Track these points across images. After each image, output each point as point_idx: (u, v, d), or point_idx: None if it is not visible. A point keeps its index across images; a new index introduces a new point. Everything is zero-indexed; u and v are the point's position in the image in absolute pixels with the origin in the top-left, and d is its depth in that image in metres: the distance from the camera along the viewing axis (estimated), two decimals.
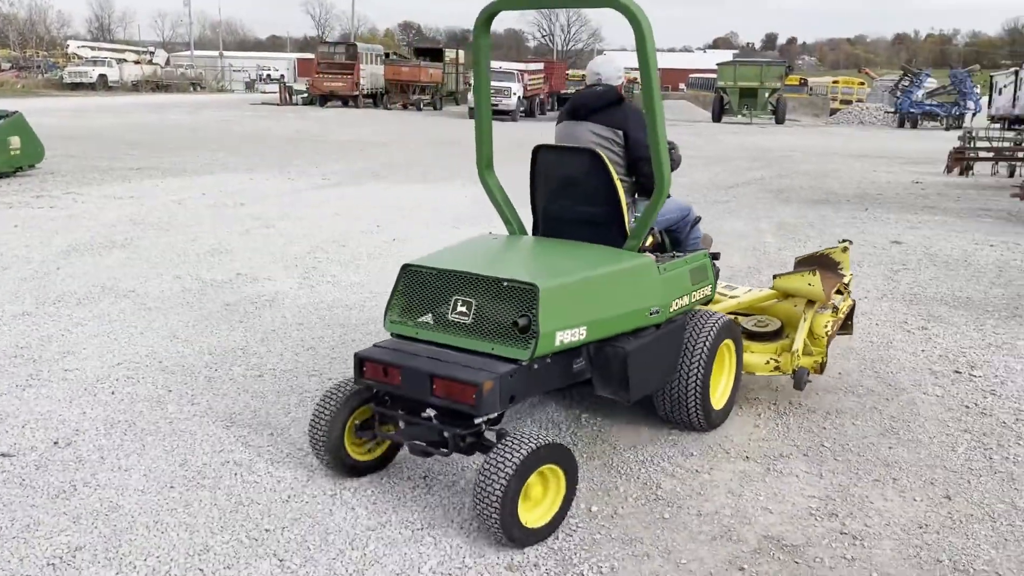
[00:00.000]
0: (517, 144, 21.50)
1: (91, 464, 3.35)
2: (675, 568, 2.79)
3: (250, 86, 61.34)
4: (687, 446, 3.70)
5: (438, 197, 11.30)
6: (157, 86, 51.04)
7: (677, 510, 3.16)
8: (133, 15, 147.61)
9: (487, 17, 3.58)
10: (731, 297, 4.57)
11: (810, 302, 4.27)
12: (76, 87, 45.27)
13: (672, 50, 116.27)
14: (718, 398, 3.87)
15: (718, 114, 37.71)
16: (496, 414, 2.98)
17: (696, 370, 3.65)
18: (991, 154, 16.09)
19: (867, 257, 8.08)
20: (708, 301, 3.99)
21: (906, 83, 39.45)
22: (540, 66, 41.91)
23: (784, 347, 4.18)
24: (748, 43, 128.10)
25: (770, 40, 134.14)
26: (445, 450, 3.04)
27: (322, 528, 2.95)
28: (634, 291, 3.40)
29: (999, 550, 2.93)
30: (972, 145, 16.55)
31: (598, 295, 3.25)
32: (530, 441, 2.82)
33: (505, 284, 3.06)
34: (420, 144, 20.43)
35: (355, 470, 3.26)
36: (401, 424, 3.17)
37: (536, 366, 3.05)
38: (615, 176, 3.59)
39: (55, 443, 3.51)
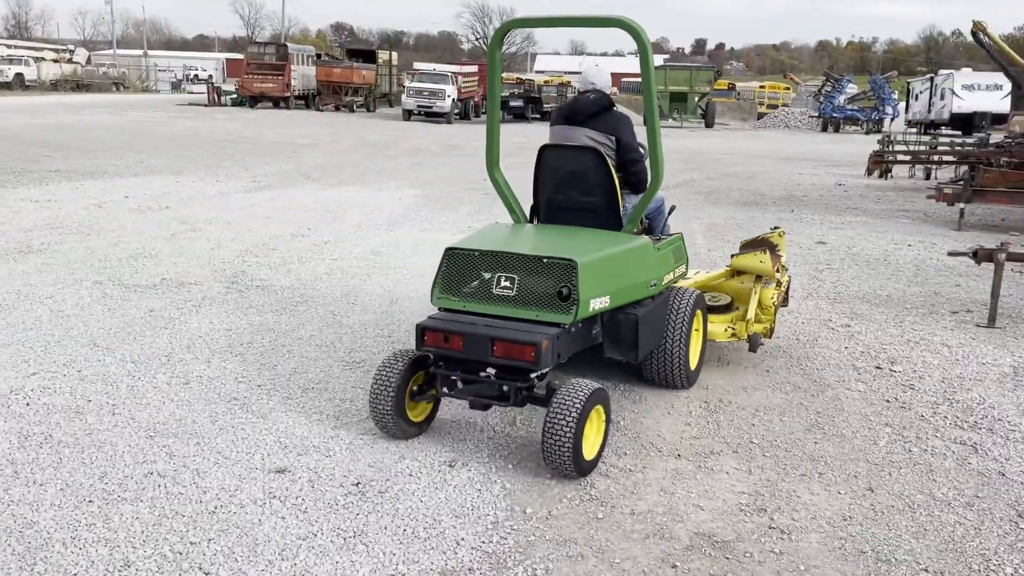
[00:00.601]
0: (449, 148, 21.53)
1: (3, 479, 3.19)
2: (609, 567, 2.81)
3: (176, 86, 59.72)
4: (620, 446, 3.73)
5: (371, 199, 11.18)
6: (77, 86, 49.26)
7: (611, 510, 3.18)
8: (52, 13, 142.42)
9: (502, 34, 4.27)
10: (686, 277, 5.06)
11: (758, 277, 4.92)
12: None
13: (604, 54, 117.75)
14: (694, 360, 4.48)
15: None
16: (547, 369, 3.47)
17: (680, 336, 4.24)
18: (908, 158, 16.73)
19: (793, 257, 8.29)
20: (683, 277, 4.65)
21: (829, 88, 40.79)
22: (474, 68, 41.95)
23: (738, 317, 4.85)
24: (678, 48, 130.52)
25: (699, 45, 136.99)
26: (506, 403, 3.52)
27: (250, 539, 2.87)
28: (641, 267, 4.03)
29: (919, 540, 3.04)
30: (891, 149, 17.18)
31: (618, 269, 3.84)
32: (587, 388, 3.37)
33: (545, 261, 3.56)
34: (353, 146, 20.19)
35: (412, 431, 3.68)
36: (459, 384, 3.60)
37: (573, 329, 3.60)
38: (613, 172, 4.15)
39: None
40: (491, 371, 3.49)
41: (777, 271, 5.03)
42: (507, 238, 4.10)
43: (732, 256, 5.09)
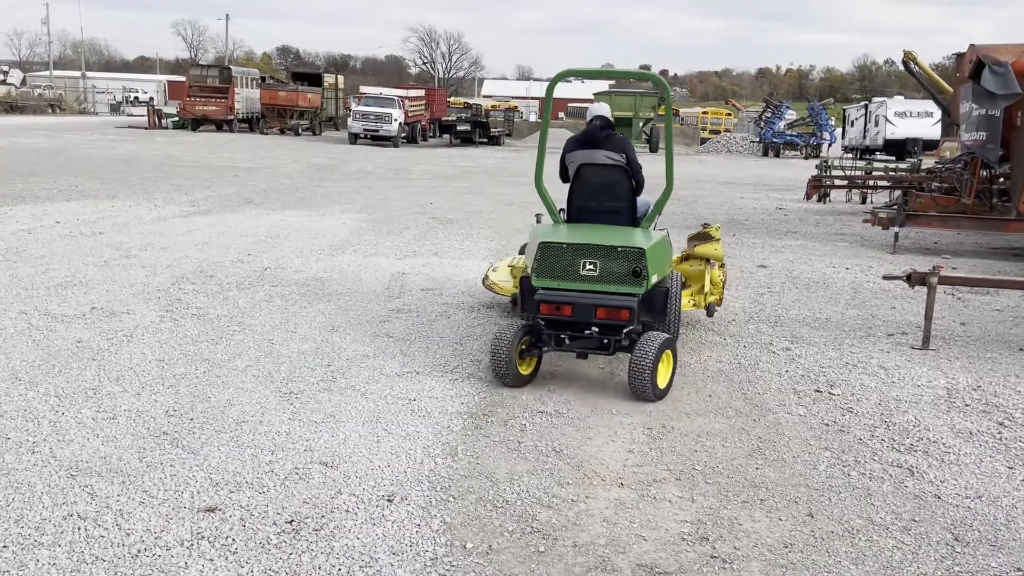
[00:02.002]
0: (396, 172, 21.43)
1: None
2: None
3: (116, 108, 58.44)
4: (563, 475, 3.68)
5: (314, 224, 11.02)
6: (11, 107, 47.86)
7: (553, 542, 3.12)
8: None
9: (558, 79, 5.79)
10: None
11: (708, 260, 6.24)
12: None
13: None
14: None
15: None
16: (633, 326, 4.76)
17: (678, 304, 5.51)
18: (845, 182, 17.21)
19: (735, 281, 8.39)
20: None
21: (769, 114, 41.86)
22: (421, 93, 41.98)
23: (696, 292, 6.14)
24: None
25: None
26: (605, 351, 4.84)
27: None
28: (668, 253, 5.51)
29: (858, 566, 3.04)
30: (828, 174, 17.66)
31: (662, 255, 5.17)
32: (660, 337, 4.69)
33: (620, 249, 4.82)
34: (297, 170, 19.95)
35: (524, 379, 4.87)
36: (566, 340, 4.85)
37: (641, 299, 4.81)
38: (632, 182, 5.52)
39: None
40: (594, 329, 4.77)
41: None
42: (580, 233, 5.19)
43: (692, 246, 6.38)
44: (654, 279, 4.91)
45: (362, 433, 4.06)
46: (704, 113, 59.55)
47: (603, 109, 5.84)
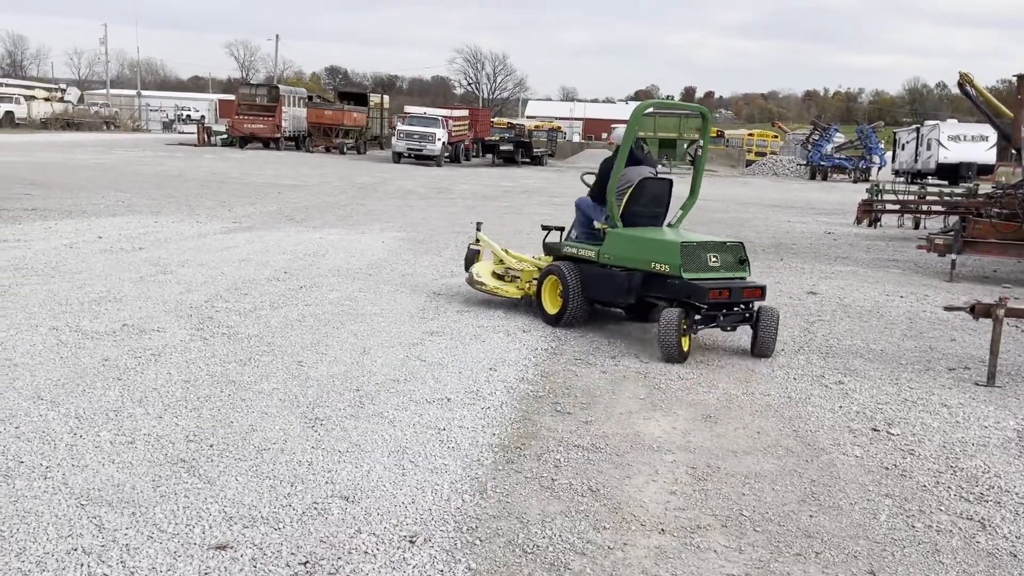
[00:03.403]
0: (438, 191, 21.44)
1: None
2: None
3: (168, 126, 59.84)
4: (600, 518, 3.42)
5: (353, 242, 10.93)
6: (68, 124, 49.22)
7: None
8: (48, 52, 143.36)
9: (643, 111, 7.36)
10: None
11: None
12: None
13: (595, 101, 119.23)
14: None
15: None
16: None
17: None
18: (897, 207, 16.68)
19: (784, 308, 8.05)
20: None
21: (816, 137, 41.19)
22: (465, 113, 42.17)
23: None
24: (668, 95, 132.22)
25: (688, 93, 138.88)
26: (746, 322, 6.13)
27: None
28: None
29: None
30: (880, 198, 17.14)
31: None
32: (776, 310, 6.25)
33: (729, 244, 6.35)
34: (340, 188, 20.03)
35: (685, 356, 5.87)
36: (720, 317, 6.03)
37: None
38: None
39: None
40: (741, 306, 6.10)
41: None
42: (694, 234, 6.55)
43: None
44: None
45: (387, 465, 3.85)
46: (750, 135, 58.89)
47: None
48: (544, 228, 7.72)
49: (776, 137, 58.08)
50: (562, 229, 7.49)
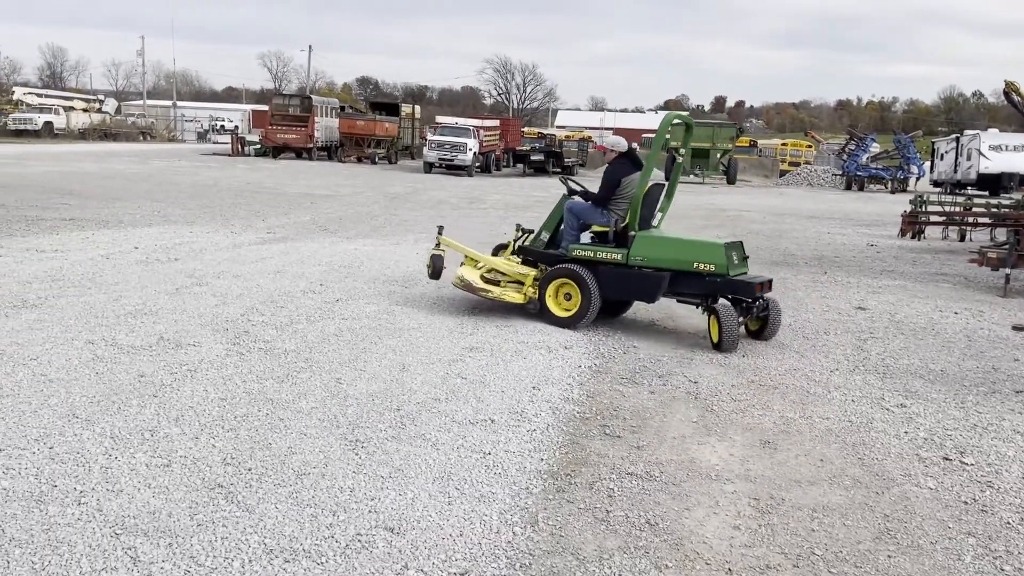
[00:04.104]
0: (470, 201, 21.31)
1: None
2: None
3: (202, 136, 60.56)
4: (661, 555, 3.20)
5: (388, 253, 10.80)
6: (105, 134, 49.98)
7: None
8: (87, 64, 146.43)
9: (668, 123, 7.70)
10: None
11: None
12: (20, 134, 44.08)
13: (625, 110, 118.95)
14: None
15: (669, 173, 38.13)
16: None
17: None
18: (943, 218, 16.22)
19: (833, 324, 7.77)
20: None
21: (852, 147, 40.51)
22: (496, 123, 42.12)
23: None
24: (698, 105, 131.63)
25: (719, 103, 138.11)
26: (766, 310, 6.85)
27: None
28: None
29: None
30: (924, 209, 16.69)
31: None
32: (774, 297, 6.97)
33: (738, 243, 6.99)
34: (373, 198, 19.98)
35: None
36: (755, 309, 6.78)
37: None
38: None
39: None
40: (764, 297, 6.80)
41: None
42: (714, 237, 7.44)
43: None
44: None
45: (432, 492, 3.66)
46: (783, 145, 58.19)
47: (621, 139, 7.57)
48: (520, 230, 7.93)
49: (810, 147, 57.27)
50: (530, 232, 7.79)
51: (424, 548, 3.16)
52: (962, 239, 16.11)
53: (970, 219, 16.23)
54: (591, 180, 29.10)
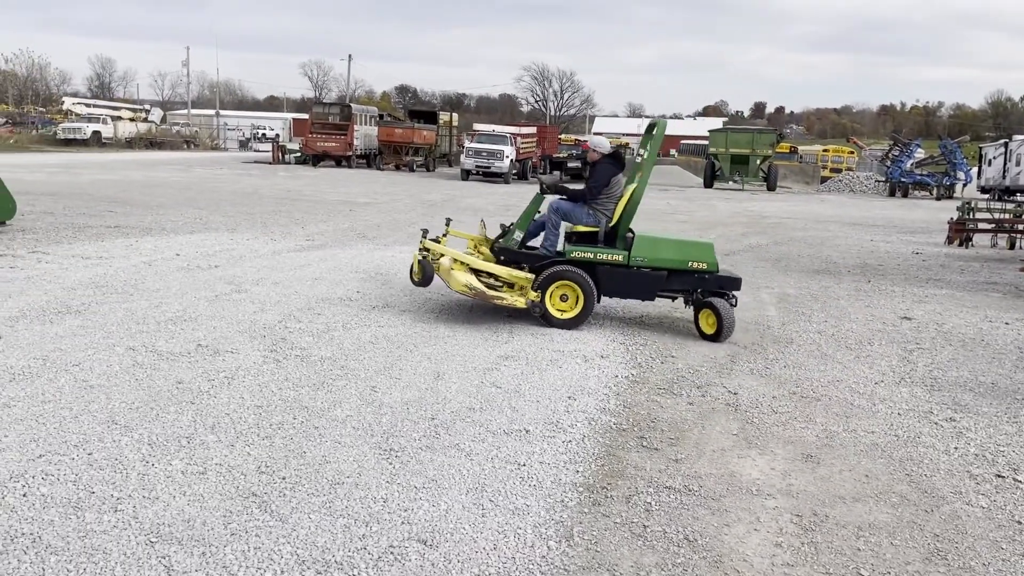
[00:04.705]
0: (506, 208, 21.30)
1: None
2: None
3: (244, 145, 61.52)
4: (700, 573, 3.12)
5: None
6: (151, 143, 51.02)
7: None
8: (134, 75, 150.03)
9: (654, 127, 7.74)
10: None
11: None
12: (69, 143, 45.17)
13: (663, 117, 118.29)
14: None
15: (709, 180, 37.82)
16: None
17: None
18: (992, 226, 15.80)
19: (878, 334, 7.58)
20: None
21: (896, 153, 39.72)
22: (533, 130, 42.12)
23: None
24: (737, 111, 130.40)
25: (758, 109, 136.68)
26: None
27: None
28: None
29: None
30: (972, 216, 16.28)
31: None
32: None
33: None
34: (410, 205, 20.07)
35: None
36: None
37: None
38: None
39: None
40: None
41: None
42: (698, 237, 8.02)
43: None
44: None
45: (465, 504, 3.62)
46: (825, 151, 57.34)
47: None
48: (504, 228, 7.92)
49: (852, 153, 56.33)
50: (509, 229, 7.78)
51: (457, 562, 3.12)
52: (1012, 247, 15.68)
53: (1020, 226, 15.79)
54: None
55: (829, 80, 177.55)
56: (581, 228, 7.49)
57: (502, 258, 7.46)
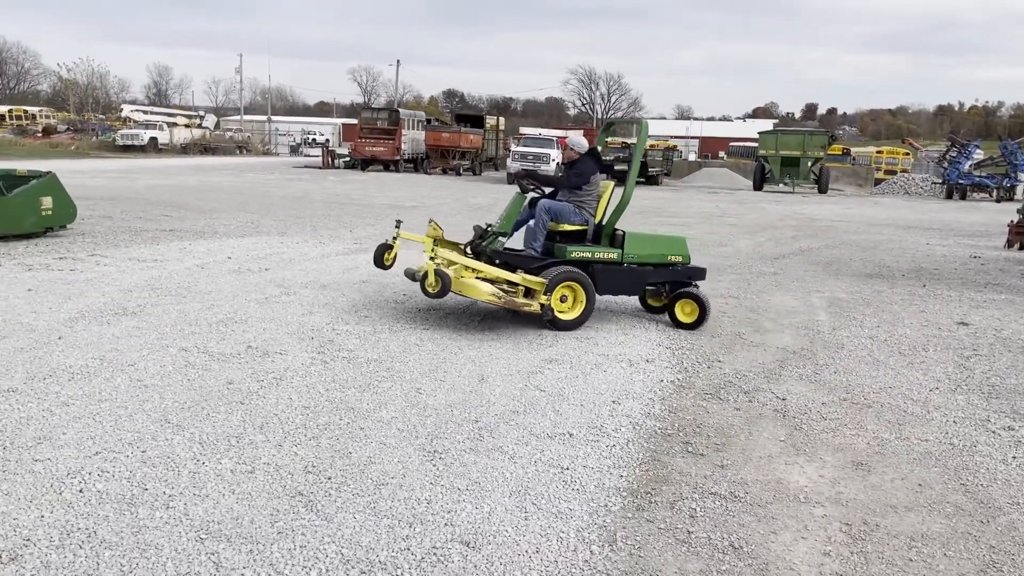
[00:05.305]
0: None
1: None
2: None
3: (295, 150, 62.58)
4: None
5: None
6: (205, 149, 52.22)
7: None
8: (189, 82, 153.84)
9: (606, 127, 10.27)
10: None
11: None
12: (128, 149, 46.48)
13: (712, 119, 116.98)
14: None
15: (759, 182, 37.28)
16: None
17: None
18: None
19: (933, 340, 7.39)
20: None
21: (954, 154, 38.66)
22: (579, 133, 42.01)
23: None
24: (788, 113, 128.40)
25: (810, 110, 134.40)
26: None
27: None
28: None
29: None
30: None
31: None
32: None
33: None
34: (456, 208, 20.19)
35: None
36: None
37: None
38: None
39: None
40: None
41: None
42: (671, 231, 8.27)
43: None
44: None
45: (508, 507, 3.62)
46: (879, 152, 56.07)
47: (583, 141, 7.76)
48: (482, 229, 7.62)
49: (907, 154, 54.97)
50: (489, 229, 7.58)
51: (500, 564, 3.12)
52: None
53: None
54: (679, 190, 28.63)
55: (884, 80, 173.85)
56: (567, 227, 7.45)
57: (497, 262, 7.20)
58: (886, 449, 4.54)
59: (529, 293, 6.99)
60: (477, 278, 6.89)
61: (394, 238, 7.59)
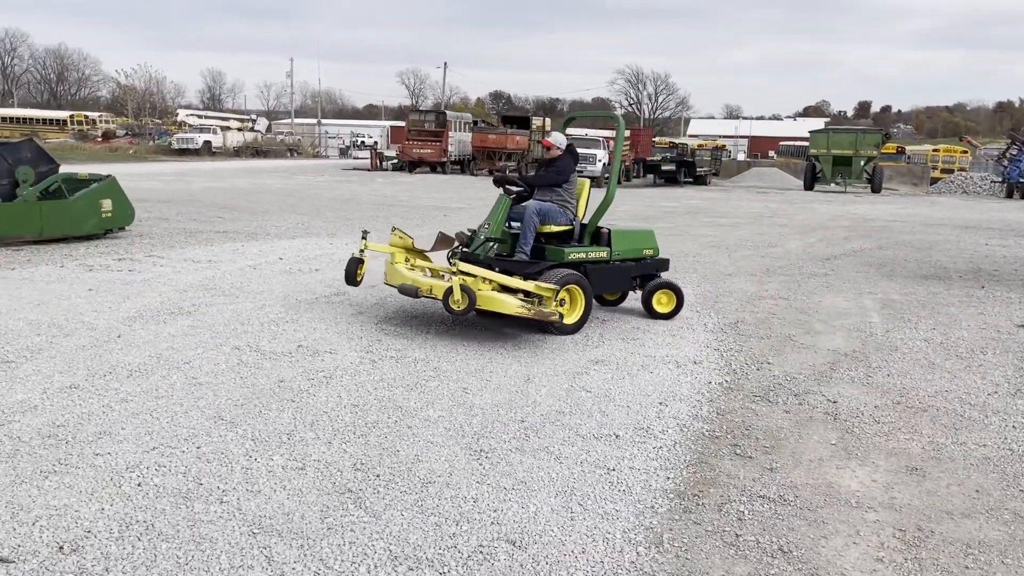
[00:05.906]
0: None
1: None
2: None
3: (344, 152, 63.40)
4: None
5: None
6: (257, 152, 53.23)
7: None
8: (242, 86, 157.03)
9: (567, 123, 9.57)
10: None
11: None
12: (183, 153, 47.65)
13: (761, 118, 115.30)
14: None
15: (810, 182, 36.64)
16: None
17: None
18: None
19: (991, 343, 7.18)
20: None
21: (1014, 151, 37.49)
22: (626, 134, 41.82)
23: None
24: (840, 111, 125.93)
25: (863, 108, 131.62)
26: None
27: None
28: None
29: None
30: None
31: None
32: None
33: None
34: None
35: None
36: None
37: None
38: None
39: (60, 548, 3.11)
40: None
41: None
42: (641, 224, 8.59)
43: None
44: None
45: (554, 507, 3.63)
46: (935, 151, 54.67)
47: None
48: (469, 235, 7.52)
49: (965, 153, 53.49)
50: (474, 232, 7.46)
51: (546, 564, 3.13)
52: None
53: None
54: (728, 191, 28.27)
55: (941, 77, 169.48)
56: (553, 228, 7.30)
57: (496, 269, 6.90)
58: (942, 454, 4.44)
59: (539, 301, 6.60)
60: (493, 290, 6.45)
61: (361, 251, 7.37)
